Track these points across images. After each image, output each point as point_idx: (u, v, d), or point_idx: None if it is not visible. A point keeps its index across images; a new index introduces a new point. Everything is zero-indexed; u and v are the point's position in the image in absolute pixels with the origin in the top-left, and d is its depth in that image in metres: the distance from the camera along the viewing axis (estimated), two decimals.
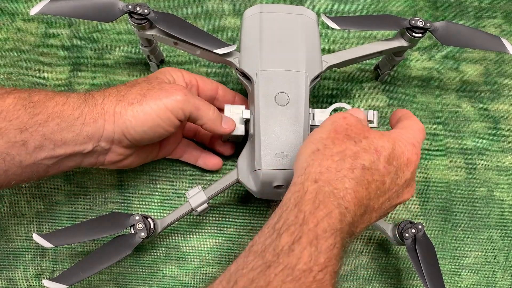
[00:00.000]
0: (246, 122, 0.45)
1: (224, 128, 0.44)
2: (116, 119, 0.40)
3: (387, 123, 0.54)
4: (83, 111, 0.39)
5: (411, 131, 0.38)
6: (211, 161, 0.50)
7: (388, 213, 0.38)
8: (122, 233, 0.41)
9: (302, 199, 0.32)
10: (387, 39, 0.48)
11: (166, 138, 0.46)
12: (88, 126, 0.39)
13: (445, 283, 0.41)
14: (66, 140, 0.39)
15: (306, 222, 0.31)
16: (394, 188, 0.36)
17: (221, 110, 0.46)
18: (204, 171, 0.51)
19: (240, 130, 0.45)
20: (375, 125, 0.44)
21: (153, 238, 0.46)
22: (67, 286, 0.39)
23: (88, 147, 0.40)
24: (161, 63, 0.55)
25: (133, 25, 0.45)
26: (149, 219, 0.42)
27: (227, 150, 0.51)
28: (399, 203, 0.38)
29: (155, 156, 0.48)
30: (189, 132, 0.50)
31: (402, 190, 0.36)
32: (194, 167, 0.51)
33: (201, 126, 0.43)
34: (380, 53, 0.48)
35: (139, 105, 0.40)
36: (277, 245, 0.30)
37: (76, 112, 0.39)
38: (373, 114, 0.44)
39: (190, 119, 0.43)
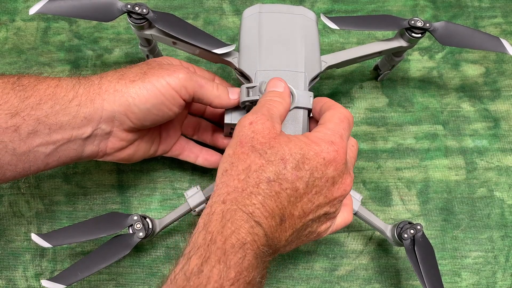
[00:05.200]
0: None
1: (232, 99, 0.43)
2: (118, 98, 0.38)
3: (388, 122, 0.54)
4: (78, 92, 0.38)
5: (330, 125, 0.36)
6: (212, 157, 0.49)
7: (330, 212, 0.36)
8: (121, 233, 0.41)
9: (210, 220, 0.32)
10: (387, 39, 0.48)
11: (166, 129, 0.46)
12: (85, 107, 0.38)
13: (445, 283, 0.41)
14: (62, 124, 0.37)
15: (213, 241, 0.31)
16: (313, 189, 0.34)
17: None
18: (204, 171, 0.51)
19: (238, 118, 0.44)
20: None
21: (152, 238, 0.46)
22: (65, 286, 0.39)
23: (87, 130, 0.38)
24: None
25: (132, 24, 0.45)
26: (147, 219, 0.42)
27: None
28: (333, 200, 0.35)
29: (156, 149, 0.47)
30: (188, 130, 0.50)
31: (326, 189, 0.35)
32: (194, 167, 0.51)
33: (210, 105, 0.43)
34: (379, 53, 0.48)
35: (141, 82, 0.39)
36: (187, 269, 0.31)
37: (70, 93, 0.37)
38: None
39: (194, 99, 0.42)
